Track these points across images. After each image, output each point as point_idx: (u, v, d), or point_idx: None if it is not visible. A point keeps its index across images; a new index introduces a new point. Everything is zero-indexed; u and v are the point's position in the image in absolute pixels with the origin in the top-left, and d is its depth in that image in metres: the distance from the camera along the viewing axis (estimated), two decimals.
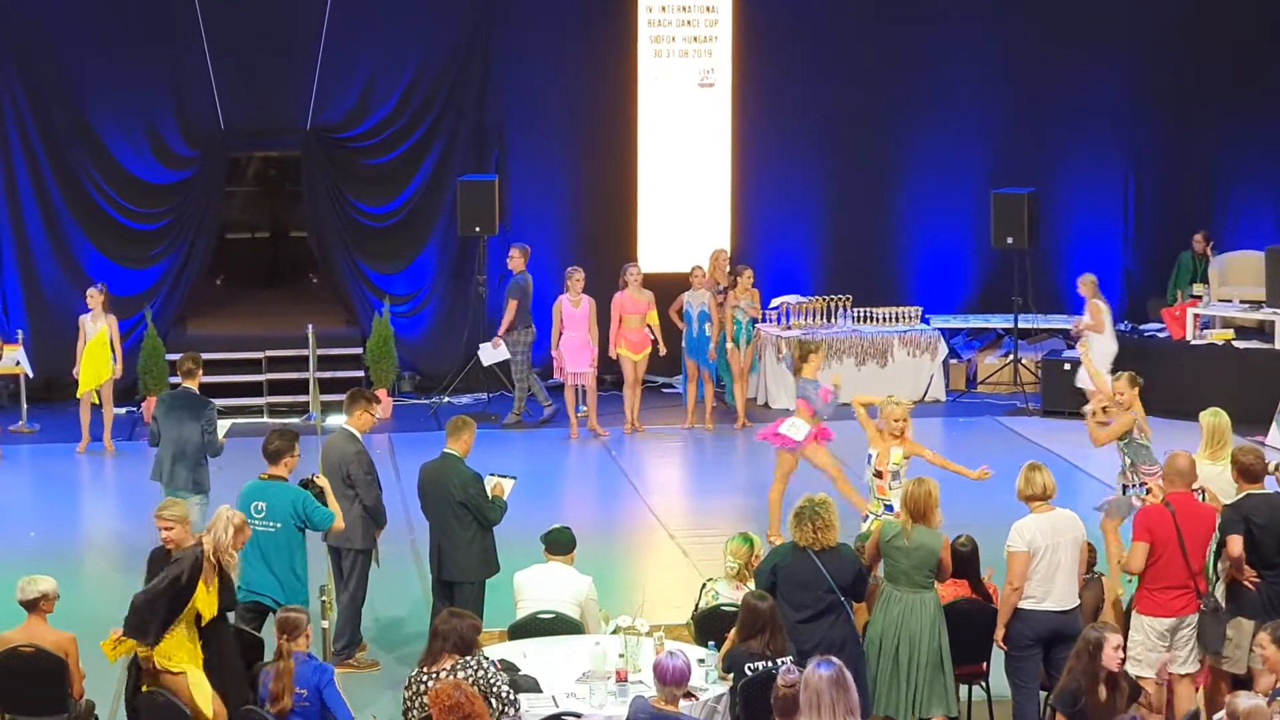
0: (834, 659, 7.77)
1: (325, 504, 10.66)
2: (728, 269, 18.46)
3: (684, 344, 18.11)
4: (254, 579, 10.47)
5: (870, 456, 12.30)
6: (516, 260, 18.10)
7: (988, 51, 20.57)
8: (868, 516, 12.22)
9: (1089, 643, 8.78)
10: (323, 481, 10.81)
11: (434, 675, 8.61)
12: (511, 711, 8.61)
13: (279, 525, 10.41)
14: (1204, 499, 10.36)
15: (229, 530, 9.12)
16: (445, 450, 11.19)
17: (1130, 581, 10.30)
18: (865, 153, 20.54)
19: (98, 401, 17.10)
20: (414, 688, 8.67)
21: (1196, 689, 9.98)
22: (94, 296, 17.26)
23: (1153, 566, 9.83)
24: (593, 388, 17.88)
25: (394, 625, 12.29)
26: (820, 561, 9.52)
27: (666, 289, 18.32)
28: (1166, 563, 9.82)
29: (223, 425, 13.65)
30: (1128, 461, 12.52)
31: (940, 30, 20.40)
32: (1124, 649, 8.87)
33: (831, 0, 20.32)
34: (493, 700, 8.50)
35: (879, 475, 12.22)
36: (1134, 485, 12.26)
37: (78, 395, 17.19)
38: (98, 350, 17.03)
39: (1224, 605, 10.02)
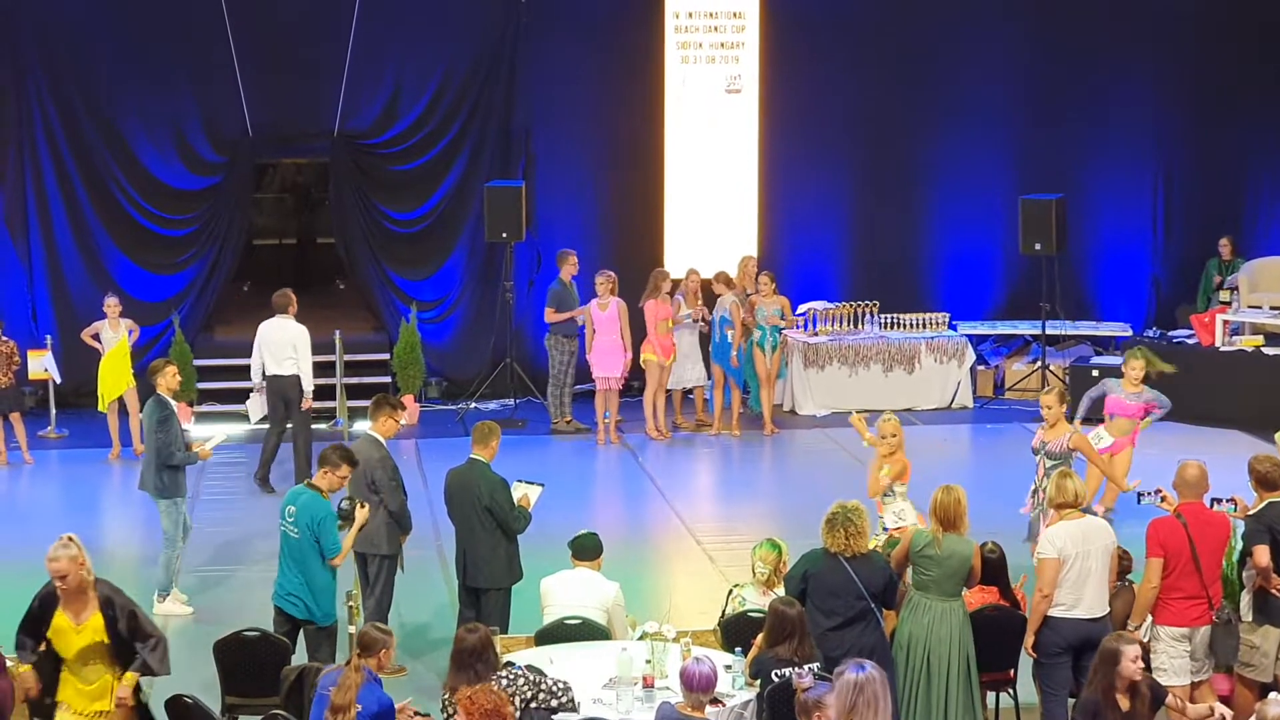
0: (870, 662, 7.74)
1: (348, 528, 10.64)
2: (755, 274, 18.45)
3: (710, 350, 18.12)
4: (283, 582, 10.56)
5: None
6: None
7: (1015, 57, 20.52)
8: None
9: (1105, 653, 8.71)
10: (360, 513, 10.77)
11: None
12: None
13: (299, 534, 10.45)
14: (1234, 510, 10.33)
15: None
16: (472, 456, 11.19)
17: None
18: (892, 158, 20.51)
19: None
20: (446, 710, 8.66)
21: (1228, 695, 9.94)
22: (113, 306, 17.34)
23: (1167, 578, 9.81)
24: (616, 392, 17.87)
25: (420, 631, 12.30)
26: (851, 568, 9.49)
27: None
28: (1180, 573, 9.81)
29: (214, 433, 13.63)
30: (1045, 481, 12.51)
31: (967, 36, 20.36)
32: (1142, 658, 8.81)
33: (858, 6, 20.30)
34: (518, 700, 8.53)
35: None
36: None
37: (100, 408, 17.27)
38: (118, 360, 17.09)
39: (1252, 615, 9.99)
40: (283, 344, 16.02)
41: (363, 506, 10.81)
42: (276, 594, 10.55)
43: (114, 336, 17.25)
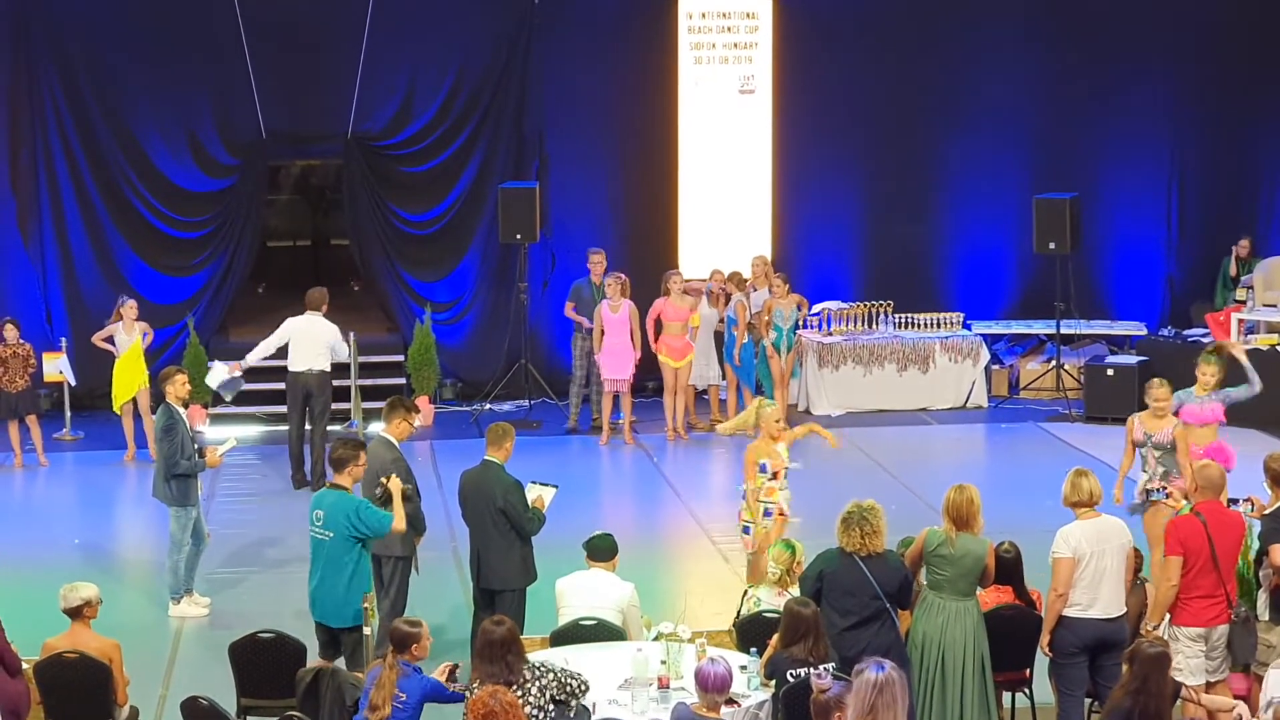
0: (889, 662, 7.71)
1: (388, 507, 10.64)
2: (763, 273, 18.43)
3: (724, 350, 18.14)
4: (315, 589, 10.49)
5: (764, 465, 12.28)
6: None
7: (1029, 56, 20.50)
8: (747, 526, 12.27)
9: (1156, 658, 8.43)
10: (393, 485, 10.79)
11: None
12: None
13: (332, 534, 10.36)
14: (1251, 510, 10.28)
15: None
16: (486, 457, 11.18)
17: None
18: (906, 158, 20.50)
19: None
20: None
21: (1244, 694, 9.91)
22: (130, 308, 17.36)
23: (1185, 577, 9.79)
24: (627, 394, 17.86)
25: (435, 632, 12.14)
26: (867, 568, 9.47)
27: None
28: (1199, 573, 9.79)
29: (227, 437, 13.60)
30: (1160, 470, 12.35)
31: (981, 35, 20.35)
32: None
33: (871, 7, 20.28)
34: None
35: (774, 476, 12.27)
36: (1158, 490, 12.14)
37: (115, 409, 17.31)
38: (132, 362, 17.13)
39: (1268, 614, 9.97)
40: (315, 342, 16.09)
41: (389, 479, 10.78)
42: (310, 601, 10.49)
43: (128, 339, 17.28)
